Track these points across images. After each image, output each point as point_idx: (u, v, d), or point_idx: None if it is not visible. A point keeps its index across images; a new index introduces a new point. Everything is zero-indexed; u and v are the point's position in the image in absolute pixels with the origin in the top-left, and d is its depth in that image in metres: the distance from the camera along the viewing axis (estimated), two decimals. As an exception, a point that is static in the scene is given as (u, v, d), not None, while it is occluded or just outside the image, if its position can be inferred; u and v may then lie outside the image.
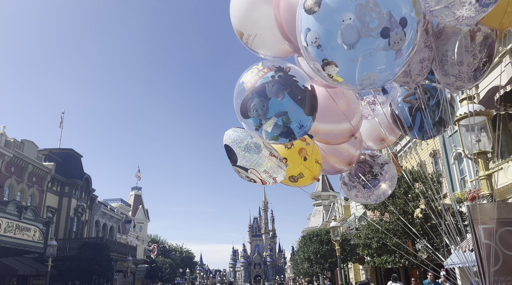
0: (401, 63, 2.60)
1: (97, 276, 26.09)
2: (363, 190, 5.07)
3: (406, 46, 2.50)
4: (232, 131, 4.19)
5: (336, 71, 2.64)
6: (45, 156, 29.33)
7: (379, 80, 2.68)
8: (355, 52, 2.45)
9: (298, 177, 4.48)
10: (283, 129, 3.41)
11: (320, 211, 55.83)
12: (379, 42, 2.41)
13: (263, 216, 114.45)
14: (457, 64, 3.55)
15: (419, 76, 3.48)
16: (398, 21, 2.40)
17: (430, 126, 4.24)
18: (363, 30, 2.38)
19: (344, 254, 26.31)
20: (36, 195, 26.81)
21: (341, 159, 4.79)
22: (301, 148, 4.40)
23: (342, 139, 4.29)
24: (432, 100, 4.24)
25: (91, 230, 34.43)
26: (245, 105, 3.45)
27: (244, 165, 4.03)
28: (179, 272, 59.82)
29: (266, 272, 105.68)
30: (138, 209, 52.73)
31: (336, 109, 3.91)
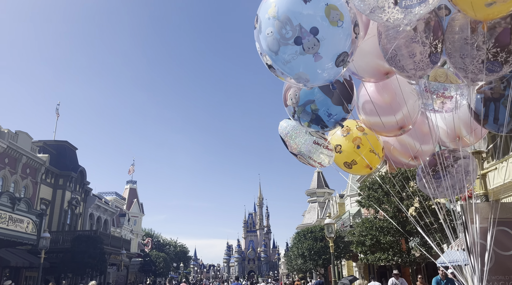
0: (325, 63, 3.06)
1: (90, 269, 26.05)
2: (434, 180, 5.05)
3: (323, 50, 2.98)
4: (284, 122, 4.76)
5: (277, 72, 3.28)
6: (39, 147, 29.13)
7: (312, 78, 3.21)
8: (282, 56, 3.07)
9: (352, 164, 4.84)
10: (312, 116, 3.87)
11: (315, 208, 55.99)
12: (296, 48, 2.98)
13: (258, 212, 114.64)
14: (460, 57, 3.50)
15: (417, 70, 3.46)
16: (309, 30, 2.92)
17: (506, 118, 4.06)
18: (281, 40, 2.99)
19: (337, 251, 26.39)
20: (29, 187, 26.66)
21: (404, 152, 4.98)
22: (356, 137, 4.77)
23: (390, 132, 4.51)
24: (508, 90, 3.98)
25: (85, 223, 34.32)
26: (285, 95, 4.01)
27: (294, 151, 4.60)
28: (173, 266, 59.87)
29: (260, 268, 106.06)
30: (132, 203, 52.66)
31: (381, 103, 4.26)
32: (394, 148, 5.06)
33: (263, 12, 3.10)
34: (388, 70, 3.96)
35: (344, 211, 35.71)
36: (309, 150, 4.50)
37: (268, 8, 3.04)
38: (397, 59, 3.46)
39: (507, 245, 5.17)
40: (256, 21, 3.19)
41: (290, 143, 4.58)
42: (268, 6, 3.04)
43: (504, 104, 4.03)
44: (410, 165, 5.23)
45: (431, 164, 5.07)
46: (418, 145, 4.85)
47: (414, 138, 4.80)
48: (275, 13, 2.97)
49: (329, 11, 2.94)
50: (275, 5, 2.99)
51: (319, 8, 2.92)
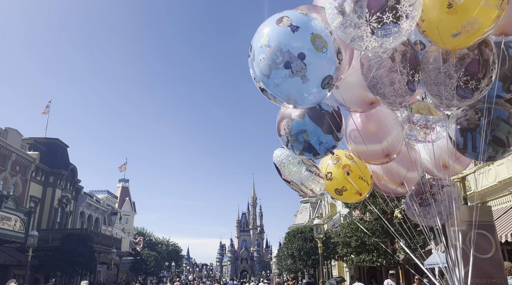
0: (312, 85, 3.41)
1: (80, 267, 25.90)
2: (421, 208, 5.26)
3: (309, 72, 3.32)
4: (278, 150, 5.06)
5: (269, 95, 3.61)
6: (29, 145, 28.88)
7: (301, 99, 3.54)
8: (273, 80, 3.41)
9: (342, 190, 5.15)
10: (305, 145, 4.19)
11: (307, 208, 56.11)
12: (286, 72, 3.33)
13: (252, 212, 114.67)
14: (434, 85, 3.89)
15: (397, 97, 3.82)
16: (296, 56, 3.28)
17: (482, 147, 4.40)
18: (273, 64, 3.34)
19: (327, 252, 26.46)
20: (19, 184, 26.45)
21: (392, 179, 5.28)
22: (345, 165, 5.10)
23: (378, 159, 4.82)
24: (482, 120, 4.36)
25: (75, 221, 34.10)
26: (279, 126, 4.36)
27: (287, 179, 4.87)
28: (165, 265, 59.69)
29: (253, 267, 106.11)
30: (125, 201, 52.44)
31: (367, 132, 4.62)
32: (382, 176, 5.35)
33: (256, 41, 3.48)
34: (372, 100, 4.30)
35: (336, 211, 35.82)
36: (302, 178, 4.79)
37: (261, 37, 3.44)
38: (378, 86, 3.83)
39: (485, 248, 5.22)
40: (250, 50, 3.57)
41: (284, 171, 4.84)
42: (261, 36, 3.44)
43: (479, 133, 4.39)
44: (398, 192, 5.51)
45: (418, 192, 5.28)
46: (405, 172, 5.16)
47: (401, 165, 5.13)
48: (267, 41, 3.36)
49: (314, 39, 3.33)
50: (267, 35, 3.38)
51: (305, 37, 3.33)
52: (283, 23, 3.36)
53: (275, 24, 3.39)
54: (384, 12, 2.96)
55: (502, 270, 5.24)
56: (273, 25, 3.41)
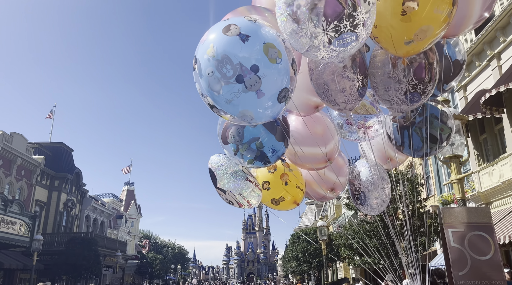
0: (268, 100, 3.12)
1: (85, 271, 25.97)
2: (362, 207, 5.40)
3: (265, 86, 3.03)
4: (215, 156, 4.73)
5: (219, 112, 3.29)
6: (34, 149, 29.10)
7: (256, 116, 3.24)
8: (224, 96, 3.07)
9: (279, 200, 4.92)
10: (257, 153, 3.95)
11: (312, 210, 55.92)
12: (238, 86, 3.01)
13: (258, 214, 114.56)
14: (384, 90, 3.86)
15: (348, 103, 3.75)
16: (249, 68, 2.97)
17: (418, 144, 4.42)
18: (223, 79, 3.00)
19: (332, 253, 26.31)
20: (24, 188, 26.63)
21: (323, 185, 5.21)
22: (283, 174, 4.86)
23: (318, 164, 4.69)
24: (418, 117, 4.39)
25: (81, 224, 34.26)
26: (225, 133, 4.06)
27: (222, 187, 4.53)
28: (171, 268, 59.76)
29: (259, 270, 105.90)
30: (130, 205, 52.61)
31: (313, 134, 4.42)
32: (313, 182, 5.28)
33: (201, 53, 3.12)
34: (318, 104, 4.23)
35: (341, 213, 35.65)
36: (241, 187, 4.47)
37: (206, 49, 3.07)
38: (328, 93, 3.73)
39: (483, 249, 5.16)
40: (195, 62, 3.19)
41: (220, 179, 4.53)
42: (206, 47, 3.08)
43: (415, 130, 4.45)
44: (328, 197, 5.51)
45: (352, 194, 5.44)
46: (335, 177, 5.13)
47: (332, 171, 5.09)
48: (214, 53, 3.01)
49: (267, 49, 3.04)
50: (213, 45, 3.03)
51: (257, 47, 3.02)
52: (231, 32, 3.03)
53: (222, 33, 3.06)
54: (342, 20, 2.79)
55: (501, 272, 5.15)
56: (219, 34, 3.07)
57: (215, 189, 4.64)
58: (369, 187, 5.10)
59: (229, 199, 4.58)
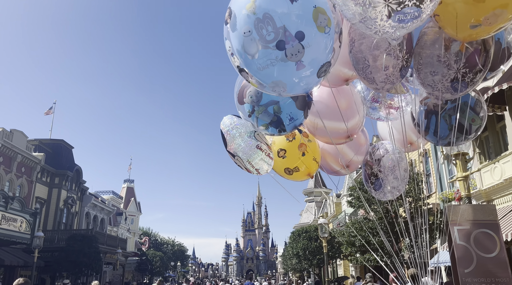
0: (307, 73, 2.75)
1: (86, 268, 25.98)
2: (375, 192, 5.13)
3: (307, 58, 2.65)
4: (227, 118, 4.39)
5: (249, 77, 2.92)
6: (35, 146, 29.03)
7: (289, 88, 2.88)
8: (258, 61, 2.70)
9: (294, 171, 4.57)
10: (273, 118, 3.57)
11: (312, 208, 55.98)
12: (277, 53, 2.62)
13: (257, 211, 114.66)
14: (430, 74, 3.44)
15: (386, 83, 3.37)
16: (294, 35, 2.56)
17: (445, 131, 4.11)
18: (261, 42, 2.62)
19: (332, 251, 26.37)
20: (25, 185, 26.59)
21: (337, 161, 4.91)
22: (302, 144, 4.50)
23: (338, 138, 4.37)
24: (449, 104, 4.02)
25: (81, 221, 34.25)
26: (242, 91, 3.68)
27: (232, 151, 4.22)
28: (170, 265, 59.81)
29: (259, 267, 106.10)
30: (130, 202, 52.57)
31: (336, 108, 4.01)
32: (330, 156, 5.03)
33: (239, 6, 2.68)
34: (348, 77, 3.85)
35: (341, 210, 35.70)
36: (249, 154, 4.15)
37: (246, 2, 2.63)
38: (368, 70, 3.32)
39: (488, 247, 5.16)
40: (229, 15, 2.76)
41: (230, 142, 4.24)
42: (247, 0, 2.63)
43: (444, 117, 4.10)
44: (340, 173, 5.25)
45: (365, 177, 5.17)
46: (353, 154, 4.88)
47: (350, 147, 4.84)
48: (254, 9, 2.57)
49: (317, 14, 2.61)
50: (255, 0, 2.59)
51: (307, 10, 2.57)
52: None
53: None
54: None
55: (506, 270, 5.16)
56: None
57: (226, 151, 4.38)
58: (388, 174, 4.81)
59: (238, 164, 4.33)
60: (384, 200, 13.81)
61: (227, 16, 2.80)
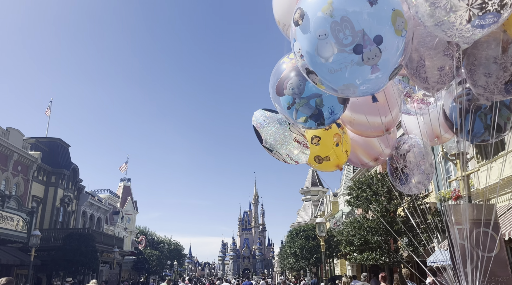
0: (380, 76, 2.72)
1: (82, 267, 25.89)
2: (401, 186, 5.08)
3: (382, 62, 2.61)
4: (258, 112, 4.34)
5: (318, 80, 2.86)
6: (31, 144, 28.89)
7: (359, 91, 2.84)
8: (331, 65, 2.65)
9: (324, 160, 4.57)
10: (315, 111, 3.54)
11: (309, 207, 56.10)
12: (353, 57, 2.57)
13: (253, 210, 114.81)
14: (483, 75, 3.41)
15: (438, 83, 3.34)
16: (372, 39, 2.53)
17: (480, 129, 4.11)
18: (337, 45, 2.56)
19: (330, 250, 26.43)
20: (21, 184, 26.45)
21: (368, 153, 4.91)
22: (336, 134, 4.49)
23: (375, 133, 4.35)
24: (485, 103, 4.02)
25: (77, 220, 34.13)
26: (282, 83, 3.62)
27: (268, 146, 4.22)
28: (167, 264, 59.77)
29: (255, 266, 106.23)
30: (126, 201, 52.46)
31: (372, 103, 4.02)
32: (360, 148, 5.01)
33: (314, 8, 2.62)
34: None
35: (338, 209, 35.77)
36: (287, 148, 4.17)
37: (322, 4, 2.57)
38: (422, 70, 3.27)
39: (489, 246, 5.18)
40: (301, 17, 2.70)
41: (266, 137, 4.22)
42: (322, 2, 2.58)
43: (480, 116, 4.07)
44: (368, 165, 5.23)
45: (391, 170, 5.14)
46: (383, 147, 4.84)
47: (383, 140, 4.78)
48: (331, 12, 2.53)
49: (396, 17, 2.57)
50: (332, 1, 2.54)
51: (386, 13, 2.53)
52: None
53: None
54: None
55: (507, 269, 5.19)
56: None
57: (262, 146, 4.34)
58: (414, 168, 4.76)
59: (276, 157, 4.29)
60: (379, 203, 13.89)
61: (297, 17, 2.74)
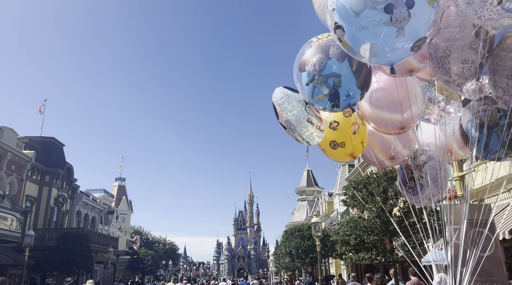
0: (404, 42, 2.79)
1: (77, 267, 25.76)
2: (412, 197, 5.08)
3: (409, 27, 2.69)
4: (279, 90, 4.44)
5: (344, 36, 2.92)
6: (25, 144, 28.70)
7: (381, 54, 2.90)
8: (360, 21, 2.73)
9: (339, 146, 4.60)
10: (331, 91, 3.59)
11: (304, 206, 56.21)
12: (382, 16, 2.66)
13: (248, 210, 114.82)
14: (506, 77, 3.46)
15: (459, 77, 3.38)
16: (405, 1, 2.62)
17: (495, 146, 4.13)
18: (370, 1, 2.66)
19: (325, 250, 26.48)
20: (15, 183, 26.27)
21: (385, 151, 4.94)
22: (355, 122, 4.54)
23: (392, 129, 4.39)
24: (504, 120, 4.08)
25: (72, 220, 33.95)
26: (306, 59, 3.70)
27: (283, 123, 4.31)
28: (162, 264, 59.59)
29: (250, 265, 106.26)
30: (121, 200, 52.27)
31: (393, 98, 4.08)
32: (377, 145, 5.04)
33: None
34: (413, 68, 3.84)
35: (333, 209, 35.88)
36: (300, 127, 4.24)
37: None
38: (447, 60, 3.32)
39: (485, 246, 5.22)
40: None
41: (281, 113, 4.30)
42: None
43: (497, 132, 4.11)
44: (384, 164, 5.23)
45: (403, 180, 5.13)
46: (400, 147, 4.86)
47: (401, 140, 4.82)
48: None
49: None
50: None
51: None
52: None
53: None
54: None
55: (502, 268, 5.23)
56: None
57: (278, 123, 4.44)
58: (429, 181, 4.76)
59: (289, 135, 4.37)
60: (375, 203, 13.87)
61: None
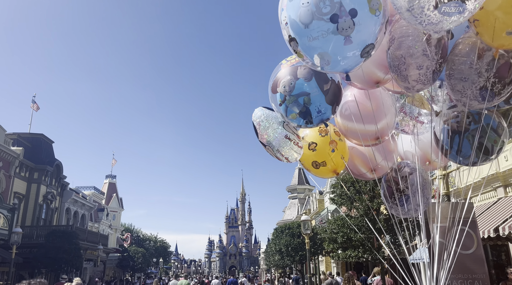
0: (353, 50, 3.02)
1: (65, 264, 25.58)
2: (399, 208, 5.20)
3: (355, 35, 2.93)
4: (258, 110, 4.73)
5: (298, 47, 3.16)
6: (13, 140, 28.31)
7: (333, 62, 3.13)
8: (310, 32, 2.98)
9: (321, 165, 4.86)
10: (302, 109, 3.84)
11: (295, 204, 56.40)
12: (329, 26, 2.90)
13: (240, 208, 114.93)
14: (461, 80, 3.63)
15: (418, 83, 3.54)
16: (348, 11, 2.86)
17: (467, 151, 4.26)
18: (317, 13, 2.90)
19: (314, 247, 26.61)
20: (2, 180, 25.93)
21: (365, 163, 5.11)
22: (332, 140, 4.79)
23: (367, 140, 4.57)
24: (473, 125, 4.23)
25: (61, 217, 33.65)
26: (277, 81, 3.96)
27: (263, 141, 4.58)
28: (152, 261, 59.42)
29: (242, 263, 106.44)
30: (112, 198, 51.97)
31: (365, 110, 4.32)
32: (358, 158, 5.18)
33: None
34: (379, 80, 4.03)
35: (324, 207, 36.03)
36: (279, 144, 4.49)
37: None
38: (403, 67, 3.52)
39: (467, 244, 5.28)
40: None
41: (261, 132, 4.57)
42: None
43: (468, 138, 4.26)
44: (366, 176, 5.38)
45: (389, 192, 5.23)
46: (380, 159, 5.01)
47: (379, 152, 4.98)
48: None
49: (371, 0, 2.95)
50: None
51: None
52: None
53: None
54: None
55: (483, 266, 5.29)
56: None
57: (258, 141, 4.68)
58: (415, 192, 4.90)
59: (269, 153, 4.61)
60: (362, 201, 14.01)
61: None
